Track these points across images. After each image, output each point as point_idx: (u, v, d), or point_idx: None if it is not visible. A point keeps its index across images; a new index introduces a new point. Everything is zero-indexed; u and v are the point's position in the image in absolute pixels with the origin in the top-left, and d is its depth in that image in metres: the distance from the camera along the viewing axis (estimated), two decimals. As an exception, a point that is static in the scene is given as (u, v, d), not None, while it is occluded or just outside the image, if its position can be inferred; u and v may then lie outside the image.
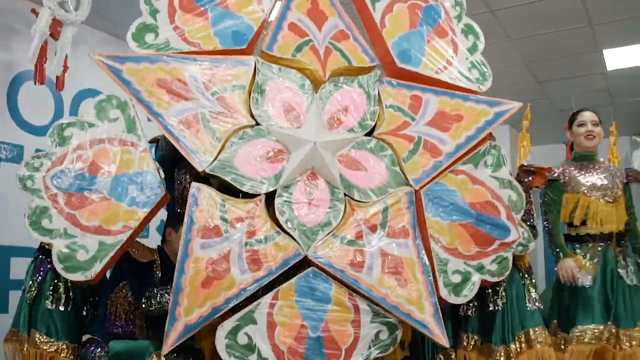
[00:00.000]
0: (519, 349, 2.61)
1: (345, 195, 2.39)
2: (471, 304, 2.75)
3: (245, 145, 2.34)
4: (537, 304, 2.71)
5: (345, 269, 2.26)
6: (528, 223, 2.74)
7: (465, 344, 2.73)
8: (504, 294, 2.71)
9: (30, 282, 2.55)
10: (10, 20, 3.81)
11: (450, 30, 2.70)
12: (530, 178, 2.94)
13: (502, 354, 2.60)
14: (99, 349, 2.50)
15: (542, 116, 5.67)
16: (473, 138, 2.54)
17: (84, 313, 2.66)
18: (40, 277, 2.56)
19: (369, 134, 2.53)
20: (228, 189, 2.34)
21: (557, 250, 2.96)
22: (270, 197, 2.31)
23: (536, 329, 2.65)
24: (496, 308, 2.70)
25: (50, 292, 2.54)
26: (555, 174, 2.98)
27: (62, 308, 2.56)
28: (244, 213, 2.30)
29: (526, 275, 2.79)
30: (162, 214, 2.76)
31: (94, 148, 2.30)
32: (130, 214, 2.26)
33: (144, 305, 2.49)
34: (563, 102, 5.93)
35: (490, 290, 2.69)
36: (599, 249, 2.95)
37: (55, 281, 2.55)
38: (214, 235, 2.23)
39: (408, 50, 2.62)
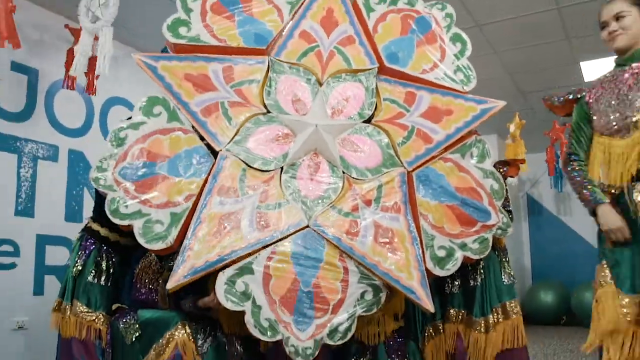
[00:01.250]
0: (496, 320, 2.69)
1: (343, 173, 2.53)
2: (456, 282, 2.85)
3: (258, 129, 2.54)
4: (512, 278, 2.81)
5: (342, 237, 2.38)
6: (506, 209, 2.83)
7: (453, 318, 2.82)
8: (482, 271, 2.80)
9: (76, 259, 2.71)
10: (46, 34, 4.02)
11: (440, 38, 2.84)
12: (505, 168, 3.04)
13: (482, 324, 2.69)
14: (129, 317, 2.62)
15: (526, 126, 5.73)
16: (461, 129, 2.66)
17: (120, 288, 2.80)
18: (84, 255, 2.72)
19: (367, 122, 2.68)
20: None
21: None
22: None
23: (512, 302, 2.74)
24: (476, 283, 2.79)
25: (93, 268, 2.70)
26: None
27: (102, 282, 2.72)
28: (260, 182, 2.46)
29: (502, 254, 2.88)
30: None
31: (147, 141, 2.48)
32: (190, 184, 2.43)
33: (167, 272, 2.61)
34: (546, 112, 6.00)
35: (470, 268, 2.78)
36: None
37: (98, 259, 2.72)
38: (231, 195, 2.39)
39: (396, 53, 2.77)
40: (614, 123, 1.96)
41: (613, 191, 2.09)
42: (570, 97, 2.27)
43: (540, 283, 7.78)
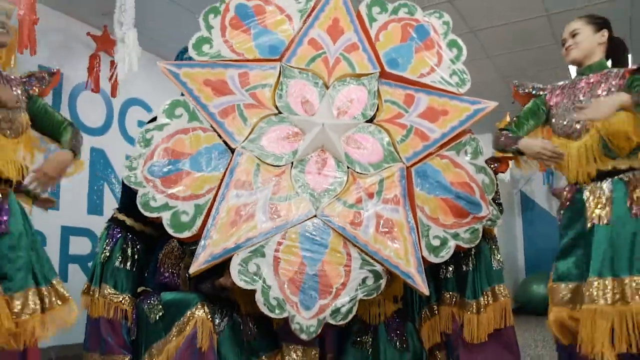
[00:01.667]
0: (487, 302, 2.85)
1: (348, 168, 2.70)
2: (450, 268, 3.00)
3: (270, 129, 2.72)
4: (500, 264, 2.97)
5: (346, 226, 2.55)
6: (496, 202, 2.98)
7: (447, 301, 2.97)
8: (473, 257, 2.94)
9: (104, 246, 2.86)
10: (69, 41, 4.19)
11: (437, 44, 2.99)
12: (496, 164, 3.16)
13: (474, 306, 2.85)
14: (153, 298, 2.77)
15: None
16: (456, 128, 2.81)
17: (145, 273, 2.94)
18: (112, 242, 2.87)
19: (369, 121, 2.84)
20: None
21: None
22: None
23: (500, 286, 2.90)
24: (468, 269, 2.94)
25: (120, 255, 2.85)
26: None
27: (128, 267, 2.86)
28: (272, 176, 2.63)
29: (492, 243, 3.03)
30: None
31: (171, 140, 2.63)
32: (210, 177, 2.59)
33: (188, 257, 2.75)
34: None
35: (462, 254, 2.93)
36: None
37: (124, 246, 2.86)
38: (247, 187, 2.56)
39: (396, 59, 2.93)
40: (570, 125, 2.07)
41: (569, 190, 2.15)
42: (533, 92, 2.38)
43: (533, 275, 7.91)
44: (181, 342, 2.58)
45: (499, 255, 3.00)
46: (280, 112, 2.77)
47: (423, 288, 2.55)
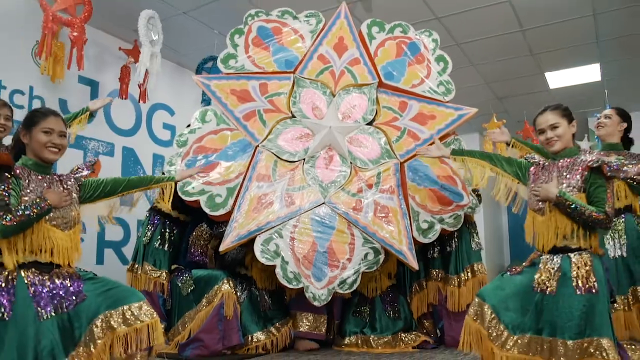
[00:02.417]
0: (466, 277, 3.07)
1: (351, 163, 2.99)
2: (436, 249, 3.21)
3: (285, 130, 3.03)
4: (479, 245, 3.19)
5: (349, 212, 2.85)
6: (476, 193, 3.20)
7: (434, 276, 3.21)
8: (456, 239, 3.15)
9: (146, 231, 3.09)
10: (103, 53, 4.39)
11: (427, 59, 3.25)
12: None
13: (456, 280, 3.08)
14: (186, 275, 3.01)
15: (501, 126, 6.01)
16: (442, 130, 3.09)
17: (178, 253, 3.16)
18: (152, 228, 3.09)
19: (369, 124, 3.11)
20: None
21: None
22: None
23: (478, 264, 3.11)
24: (451, 249, 3.15)
25: (159, 237, 3.07)
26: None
27: (165, 248, 3.08)
28: (288, 170, 2.92)
29: (471, 227, 3.22)
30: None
31: (203, 140, 2.95)
32: (238, 165, 2.90)
33: (215, 240, 3.04)
34: (519, 114, 6.31)
35: (447, 237, 3.14)
36: None
37: (162, 230, 3.08)
38: (266, 180, 2.85)
39: (392, 72, 3.20)
40: (537, 202, 2.14)
41: (534, 254, 2.18)
42: (525, 159, 2.40)
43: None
44: (210, 311, 2.85)
45: (477, 238, 3.22)
46: (294, 116, 3.08)
47: (413, 263, 2.83)
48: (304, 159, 2.99)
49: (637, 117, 6.25)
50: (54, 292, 1.89)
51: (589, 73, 5.35)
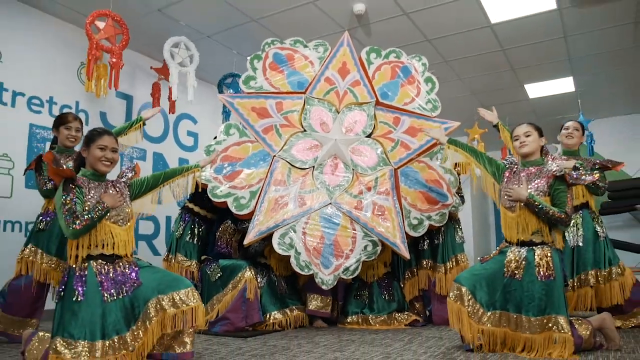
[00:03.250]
0: (452, 266, 3.35)
1: (353, 169, 3.28)
2: (425, 242, 3.48)
3: (298, 142, 3.33)
4: (462, 239, 3.45)
5: (352, 210, 3.15)
6: (459, 195, 3.48)
7: (424, 266, 3.48)
8: (442, 233, 3.42)
9: (178, 227, 3.33)
10: (136, 71, 4.68)
11: (417, 80, 3.55)
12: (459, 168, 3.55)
13: (443, 269, 3.35)
14: (214, 264, 3.24)
15: (488, 131, 5.94)
16: (430, 141, 3.36)
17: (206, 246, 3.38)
18: (184, 224, 3.32)
19: (368, 137, 3.41)
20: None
21: None
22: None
23: (462, 254, 3.38)
24: (438, 242, 3.41)
25: (189, 232, 3.30)
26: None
27: (195, 242, 3.30)
28: (300, 176, 3.19)
29: (456, 223, 3.48)
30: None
31: (228, 150, 3.20)
32: (259, 172, 3.15)
33: (238, 234, 3.29)
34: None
35: (435, 232, 3.41)
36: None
37: (192, 226, 3.31)
38: (282, 184, 3.14)
39: (387, 92, 3.50)
40: (508, 200, 2.40)
41: (503, 244, 2.46)
42: (505, 160, 2.62)
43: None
44: (235, 294, 3.08)
45: (461, 232, 3.50)
46: (305, 130, 3.38)
47: (405, 254, 3.12)
48: (314, 167, 3.27)
49: (607, 122, 6.59)
50: (116, 279, 2.10)
51: (564, 85, 5.61)
